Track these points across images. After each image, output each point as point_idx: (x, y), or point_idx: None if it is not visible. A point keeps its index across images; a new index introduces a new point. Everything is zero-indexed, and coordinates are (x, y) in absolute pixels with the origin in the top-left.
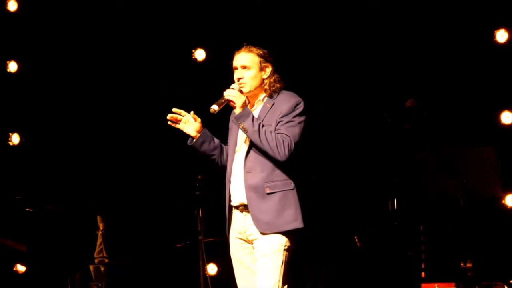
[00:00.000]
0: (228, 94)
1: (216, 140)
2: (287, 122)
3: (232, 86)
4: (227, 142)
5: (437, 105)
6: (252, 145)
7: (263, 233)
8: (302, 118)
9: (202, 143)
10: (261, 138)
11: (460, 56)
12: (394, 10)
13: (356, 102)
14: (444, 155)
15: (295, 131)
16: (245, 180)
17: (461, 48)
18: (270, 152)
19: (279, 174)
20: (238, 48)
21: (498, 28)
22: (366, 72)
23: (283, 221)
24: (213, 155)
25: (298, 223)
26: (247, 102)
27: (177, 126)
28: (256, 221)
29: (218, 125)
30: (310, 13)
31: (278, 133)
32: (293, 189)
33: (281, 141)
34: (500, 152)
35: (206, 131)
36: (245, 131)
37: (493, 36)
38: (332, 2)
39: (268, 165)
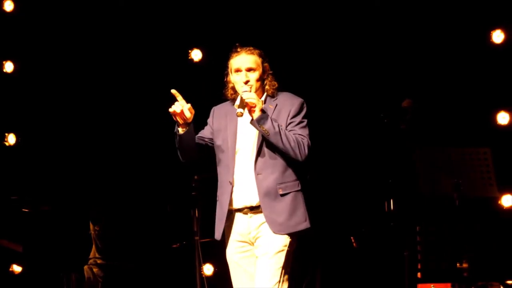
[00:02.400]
0: (249, 97)
1: (195, 143)
2: (299, 123)
3: (245, 88)
4: (204, 139)
5: (433, 105)
6: (261, 147)
7: (275, 233)
8: (307, 119)
9: (184, 137)
10: (282, 139)
11: (457, 57)
12: (390, 10)
13: (352, 102)
14: (440, 155)
15: (307, 131)
16: (257, 183)
17: (457, 48)
18: (291, 153)
19: (289, 175)
20: (234, 48)
21: (494, 28)
22: (362, 73)
23: (295, 222)
24: (187, 151)
25: (307, 223)
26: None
27: (173, 106)
28: (271, 222)
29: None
30: (307, 13)
31: (294, 134)
32: (300, 189)
33: (301, 142)
34: (496, 153)
35: (192, 128)
36: (266, 133)
37: (489, 36)
38: (329, 2)
39: (279, 166)
